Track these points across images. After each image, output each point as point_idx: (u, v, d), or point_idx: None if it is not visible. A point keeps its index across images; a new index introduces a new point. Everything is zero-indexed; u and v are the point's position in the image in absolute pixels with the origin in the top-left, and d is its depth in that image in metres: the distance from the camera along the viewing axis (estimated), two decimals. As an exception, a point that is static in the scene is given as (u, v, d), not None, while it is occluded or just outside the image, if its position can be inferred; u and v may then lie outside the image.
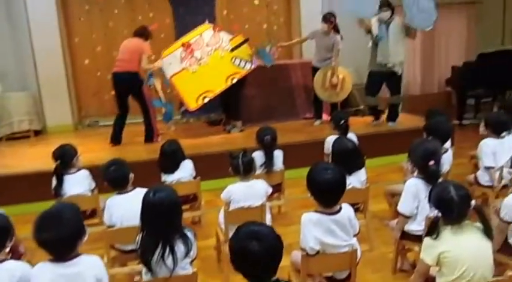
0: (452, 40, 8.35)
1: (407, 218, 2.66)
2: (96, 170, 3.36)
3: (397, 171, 4.56)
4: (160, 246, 2.04)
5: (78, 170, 3.42)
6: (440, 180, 2.54)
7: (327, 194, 2.18)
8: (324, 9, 7.11)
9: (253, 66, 5.59)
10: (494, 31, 8.30)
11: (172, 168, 3.52)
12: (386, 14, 5.20)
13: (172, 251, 2.05)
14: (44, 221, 1.84)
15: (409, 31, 5.25)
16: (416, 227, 2.65)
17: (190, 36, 5.57)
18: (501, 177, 3.29)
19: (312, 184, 2.21)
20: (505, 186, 3.27)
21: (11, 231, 2.06)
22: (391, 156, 5.15)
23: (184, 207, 3.05)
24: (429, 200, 2.09)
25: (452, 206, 1.93)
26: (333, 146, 3.16)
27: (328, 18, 5.61)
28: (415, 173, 2.80)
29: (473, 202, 1.94)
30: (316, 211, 2.22)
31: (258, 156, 3.55)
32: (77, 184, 3.34)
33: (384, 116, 5.86)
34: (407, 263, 2.97)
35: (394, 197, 3.61)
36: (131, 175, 2.80)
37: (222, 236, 3.02)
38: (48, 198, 3.72)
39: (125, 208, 2.70)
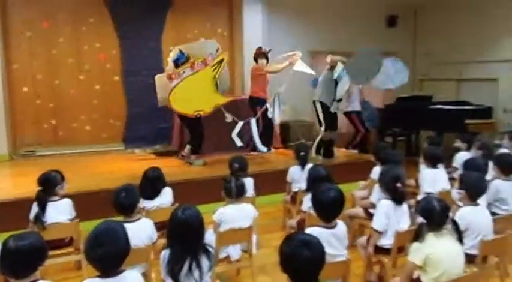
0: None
1: (379, 233, 3.09)
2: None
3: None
4: (188, 260, 2.21)
5: (61, 198, 3.38)
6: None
7: (331, 210, 2.53)
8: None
9: None
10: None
11: (154, 194, 3.62)
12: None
13: (199, 265, 2.23)
14: (99, 238, 1.91)
15: None
16: (386, 241, 3.08)
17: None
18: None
19: (318, 202, 2.55)
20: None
21: (46, 252, 2.07)
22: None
23: (161, 232, 3.10)
24: (416, 211, 2.54)
25: (435, 215, 2.40)
26: (309, 173, 3.55)
27: None
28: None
29: (450, 214, 2.44)
30: (318, 226, 2.56)
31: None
32: (59, 212, 3.29)
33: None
34: (374, 275, 3.41)
35: (352, 219, 4.10)
36: (139, 204, 2.89)
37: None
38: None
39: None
